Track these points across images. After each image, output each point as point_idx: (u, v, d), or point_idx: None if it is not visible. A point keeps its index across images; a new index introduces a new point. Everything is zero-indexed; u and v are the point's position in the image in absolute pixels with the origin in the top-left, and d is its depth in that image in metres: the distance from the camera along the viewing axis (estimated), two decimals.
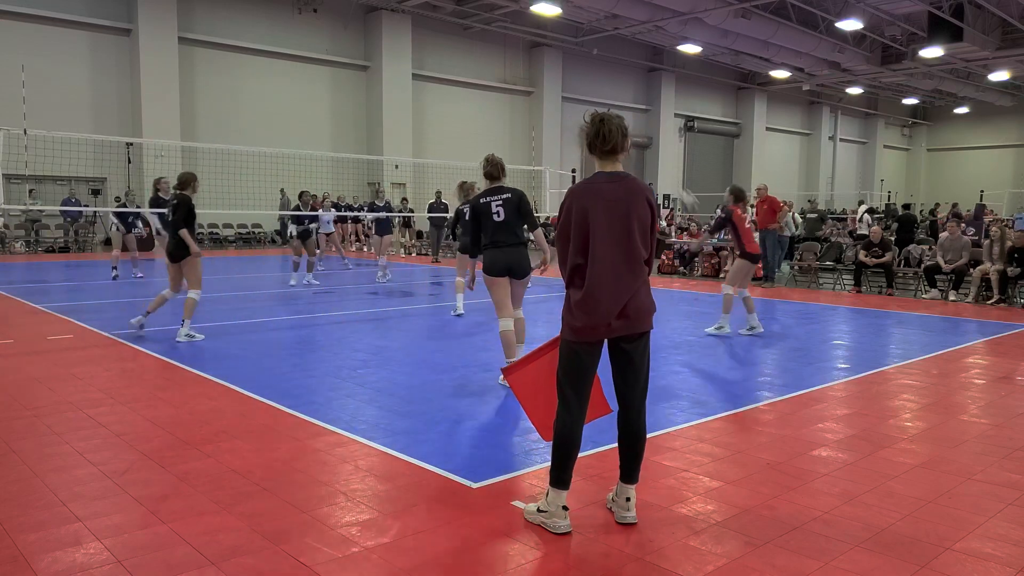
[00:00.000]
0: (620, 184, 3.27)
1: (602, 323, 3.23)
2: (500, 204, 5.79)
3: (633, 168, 34.59)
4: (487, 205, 5.81)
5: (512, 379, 3.62)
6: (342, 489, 3.76)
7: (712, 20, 23.40)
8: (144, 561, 2.99)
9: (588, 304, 3.21)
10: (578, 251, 3.25)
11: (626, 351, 3.33)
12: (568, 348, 3.30)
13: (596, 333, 3.25)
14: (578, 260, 3.25)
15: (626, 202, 3.24)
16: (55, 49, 20.25)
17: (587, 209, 3.22)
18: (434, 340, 7.99)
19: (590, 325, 3.23)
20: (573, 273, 3.28)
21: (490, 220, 5.78)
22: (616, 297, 3.22)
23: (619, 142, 3.28)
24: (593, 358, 3.31)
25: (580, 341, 3.26)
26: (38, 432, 4.59)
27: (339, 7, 25.00)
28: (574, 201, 3.26)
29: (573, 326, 3.26)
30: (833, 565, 3.02)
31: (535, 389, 3.57)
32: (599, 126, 3.27)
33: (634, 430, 3.40)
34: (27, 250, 19.58)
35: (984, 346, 8.13)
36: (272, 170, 19.51)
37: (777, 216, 14.07)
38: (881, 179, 45.68)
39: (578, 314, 3.23)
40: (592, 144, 3.30)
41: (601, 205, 3.22)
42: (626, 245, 3.23)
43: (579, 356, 3.28)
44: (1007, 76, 30.82)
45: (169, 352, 7.01)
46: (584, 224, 3.22)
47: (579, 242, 3.24)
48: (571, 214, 3.25)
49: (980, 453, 4.45)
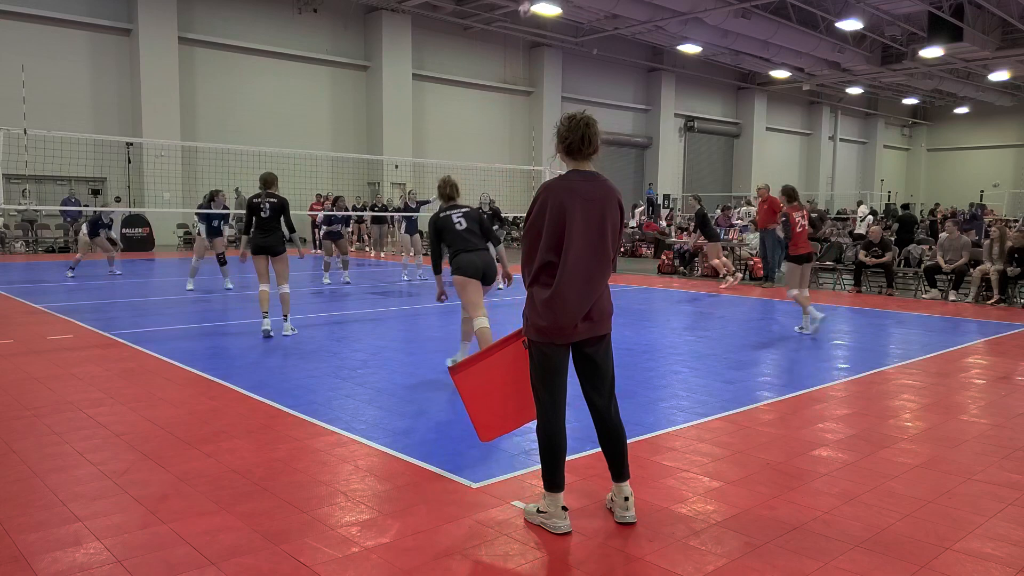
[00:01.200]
0: (596, 185, 3.24)
1: (569, 324, 3.18)
2: (460, 216, 6.12)
3: (633, 168, 34.62)
4: (448, 219, 6.11)
5: (458, 378, 3.54)
6: (342, 489, 3.76)
7: (712, 20, 23.40)
8: (144, 561, 2.99)
9: (556, 304, 3.16)
10: (550, 248, 3.17)
11: (589, 355, 3.31)
12: (536, 349, 3.26)
13: (562, 334, 3.21)
14: (550, 258, 3.18)
15: (602, 203, 3.21)
16: (55, 49, 20.24)
17: (565, 207, 3.15)
18: (434, 340, 7.99)
19: (557, 326, 3.18)
20: (541, 271, 3.21)
21: (453, 230, 6.06)
22: (584, 298, 3.18)
23: (598, 145, 3.29)
24: (563, 358, 3.27)
25: (546, 342, 3.23)
26: (38, 432, 4.59)
27: (339, 7, 25.00)
28: (550, 197, 3.18)
29: (538, 326, 3.21)
30: (833, 565, 3.02)
31: (480, 389, 3.52)
32: (584, 129, 3.23)
33: (610, 429, 3.39)
34: (27, 250, 19.58)
35: (984, 346, 8.13)
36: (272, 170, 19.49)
37: (777, 216, 14.07)
38: (881, 179, 45.67)
39: (545, 313, 3.18)
40: (574, 146, 3.24)
41: (579, 204, 3.17)
42: (599, 246, 3.20)
43: (548, 357, 3.24)
44: (1007, 76, 30.79)
45: (169, 352, 7.01)
46: (561, 222, 3.15)
47: (553, 240, 3.17)
48: (546, 210, 3.17)
49: (980, 453, 4.45)
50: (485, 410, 3.56)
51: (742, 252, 15.89)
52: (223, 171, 19.21)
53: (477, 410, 3.57)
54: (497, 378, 3.50)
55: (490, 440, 3.70)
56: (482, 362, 3.52)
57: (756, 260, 15.02)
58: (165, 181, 20.18)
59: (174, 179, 20.39)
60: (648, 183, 33.76)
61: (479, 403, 3.56)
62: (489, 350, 3.53)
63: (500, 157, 28.40)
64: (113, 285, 12.29)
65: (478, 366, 3.52)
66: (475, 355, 3.56)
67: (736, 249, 15.93)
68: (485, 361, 3.52)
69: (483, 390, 3.53)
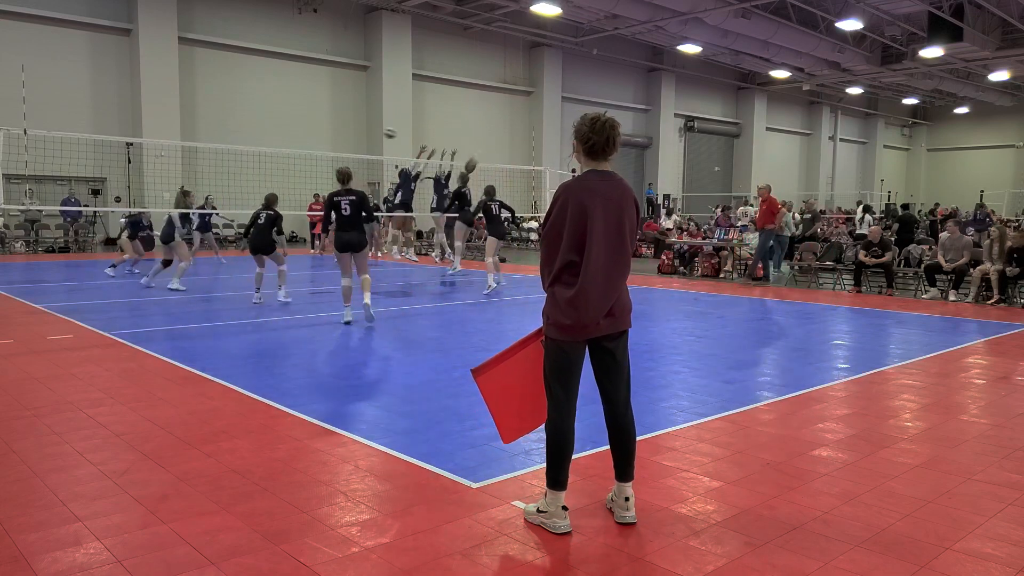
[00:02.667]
0: (613, 184, 3.28)
1: (592, 322, 3.22)
2: (348, 203, 8.28)
3: (633, 168, 34.60)
4: (339, 203, 8.30)
5: (481, 380, 3.53)
6: (342, 489, 3.76)
7: (712, 20, 23.39)
8: (144, 561, 2.99)
9: (580, 302, 3.19)
10: (572, 248, 3.21)
11: (609, 349, 3.34)
12: (555, 346, 3.29)
13: (585, 332, 3.25)
14: (572, 257, 3.22)
15: (620, 202, 3.25)
16: (55, 49, 20.24)
17: (586, 207, 3.20)
18: (434, 340, 7.99)
19: (580, 323, 3.22)
20: (563, 270, 3.25)
21: (340, 213, 8.28)
22: (606, 296, 3.22)
23: (619, 146, 3.33)
24: (580, 355, 3.30)
25: (568, 339, 3.26)
26: (38, 432, 4.59)
27: (339, 7, 25.00)
28: (571, 197, 3.23)
29: (561, 324, 3.24)
30: (833, 565, 3.02)
31: (502, 390, 3.52)
32: (610, 132, 3.28)
33: (622, 426, 3.41)
34: (27, 250, 19.57)
35: (984, 346, 8.13)
36: (272, 170, 19.49)
37: (776, 217, 14.10)
38: (881, 179, 45.67)
39: (568, 311, 3.21)
40: (598, 147, 3.28)
41: (599, 204, 3.21)
42: (618, 244, 3.24)
43: (566, 354, 3.27)
44: (1007, 76, 30.78)
45: (169, 352, 7.01)
46: (582, 221, 3.19)
47: (574, 240, 3.21)
48: (567, 210, 3.22)
49: (980, 453, 4.45)
50: (507, 411, 3.55)
51: (742, 252, 15.88)
52: (223, 171, 19.21)
53: (500, 411, 3.56)
54: (518, 378, 3.49)
55: (512, 441, 3.68)
56: (504, 363, 3.52)
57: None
58: (165, 181, 20.18)
59: (174, 179, 20.38)
60: (648, 183, 33.77)
61: (501, 404, 3.55)
62: (510, 351, 3.52)
63: (500, 157, 28.38)
64: (114, 285, 12.29)
65: (500, 367, 3.51)
66: (497, 356, 3.54)
67: (736, 249, 15.92)
68: (507, 362, 3.51)
69: (505, 391, 3.53)
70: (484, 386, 3.53)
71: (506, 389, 3.52)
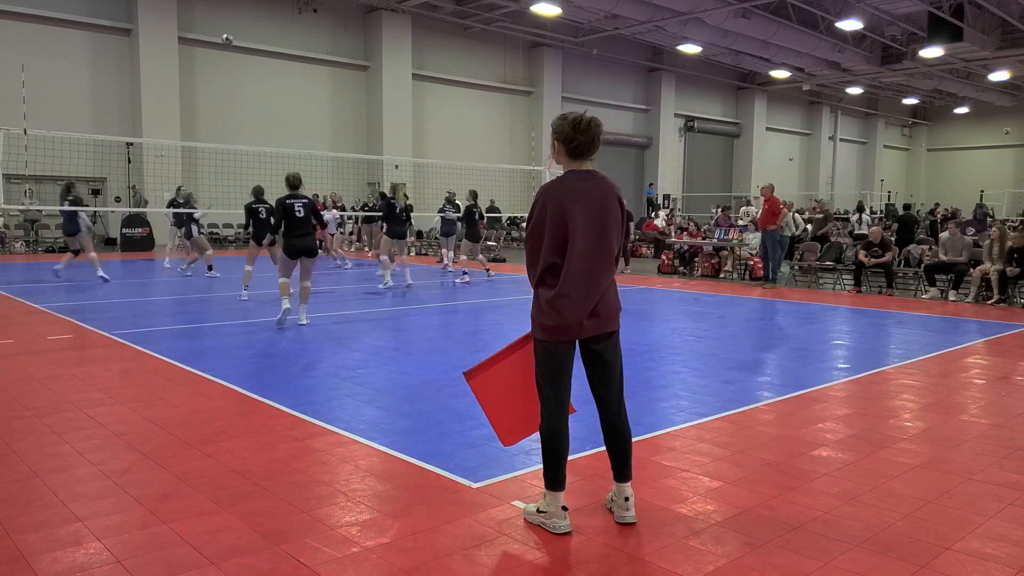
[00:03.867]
0: (594, 183, 3.26)
1: (574, 322, 3.21)
2: (301, 206, 8.24)
3: (633, 168, 34.61)
4: (292, 205, 8.21)
5: (474, 383, 3.52)
6: (342, 489, 3.76)
7: (712, 20, 23.40)
8: (144, 561, 2.99)
9: (560, 303, 3.18)
10: (554, 250, 3.21)
11: (597, 352, 3.33)
12: (542, 348, 3.28)
13: (568, 333, 3.24)
14: (554, 259, 3.21)
15: (601, 201, 3.23)
16: (55, 49, 20.24)
17: (566, 208, 3.18)
18: (434, 340, 7.99)
19: (562, 324, 3.21)
20: (545, 272, 3.24)
21: (293, 216, 8.18)
22: (589, 296, 3.21)
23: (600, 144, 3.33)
24: (568, 356, 3.29)
25: (553, 340, 3.25)
26: (38, 432, 4.59)
27: (339, 7, 25.00)
28: (550, 200, 3.22)
29: (544, 325, 3.24)
30: (833, 565, 3.02)
31: (499, 392, 3.51)
32: (596, 131, 3.26)
33: (616, 428, 3.40)
34: (27, 250, 19.57)
35: (984, 346, 8.13)
36: (272, 170, 19.49)
37: (777, 217, 14.08)
38: (881, 179, 45.67)
39: (550, 312, 3.21)
40: (583, 147, 3.26)
41: (579, 204, 3.19)
42: (600, 245, 3.22)
43: (553, 355, 3.26)
44: (1007, 76, 30.79)
45: (169, 352, 7.01)
46: (562, 223, 3.18)
47: (555, 242, 3.20)
48: (546, 213, 3.21)
49: (980, 453, 4.45)
50: (504, 414, 3.53)
51: (742, 252, 15.89)
52: (223, 171, 19.21)
53: (496, 414, 3.55)
54: (513, 381, 3.48)
55: (513, 444, 3.67)
56: (496, 365, 3.51)
57: (756, 260, 15.03)
58: (165, 181, 20.18)
59: (174, 179, 20.39)
60: (648, 183, 33.77)
61: (497, 407, 3.54)
62: (503, 353, 3.51)
63: (500, 157, 28.39)
64: (113, 285, 12.29)
65: (492, 370, 3.50)
66: (489, 358, 3.54)
67: (736, 249, 15.92)
68: (499, 365, 3.51)
69: (500, 394, 3.51)
70: (477, 389, 3.52)
71: (500, 392, 3.51)
